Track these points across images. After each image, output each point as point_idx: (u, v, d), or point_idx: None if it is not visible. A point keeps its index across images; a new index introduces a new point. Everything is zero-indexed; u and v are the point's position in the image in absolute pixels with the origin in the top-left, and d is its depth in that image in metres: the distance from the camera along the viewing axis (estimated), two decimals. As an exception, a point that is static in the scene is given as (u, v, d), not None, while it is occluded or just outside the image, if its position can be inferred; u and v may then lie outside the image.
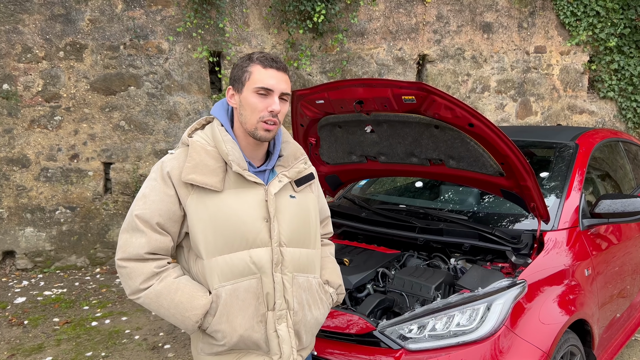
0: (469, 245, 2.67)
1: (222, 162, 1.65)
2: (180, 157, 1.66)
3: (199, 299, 1.62)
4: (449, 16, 6.29)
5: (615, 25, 6.73)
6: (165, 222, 1.63)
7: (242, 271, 1.63)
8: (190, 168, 1.61)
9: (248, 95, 1.64)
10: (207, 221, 1.61)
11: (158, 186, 1.64)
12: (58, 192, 5.33)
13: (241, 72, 1.65)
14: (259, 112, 1.63)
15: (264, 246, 1.66)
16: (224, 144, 1.64)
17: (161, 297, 1.61)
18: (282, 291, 1.68)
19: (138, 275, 1.61)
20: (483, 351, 2.09)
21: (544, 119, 6.92)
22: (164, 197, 1.63)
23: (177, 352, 3.67)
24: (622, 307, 3.15)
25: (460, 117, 2.26)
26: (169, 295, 1.61)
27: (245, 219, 1.63)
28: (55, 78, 5.19)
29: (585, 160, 3.14)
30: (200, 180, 1.60)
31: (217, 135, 1.67)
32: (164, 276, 1.63)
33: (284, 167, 1.76)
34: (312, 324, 1.79)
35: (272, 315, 1.67)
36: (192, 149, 1.65)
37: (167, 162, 1.66)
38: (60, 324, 4.13)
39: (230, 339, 1.64)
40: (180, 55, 5.46)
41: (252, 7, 5.62)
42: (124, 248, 1.63)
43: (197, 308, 1.62)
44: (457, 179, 2.76)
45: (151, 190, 1.65)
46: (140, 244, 1.61)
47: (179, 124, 5.55)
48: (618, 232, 3.13)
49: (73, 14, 5.16)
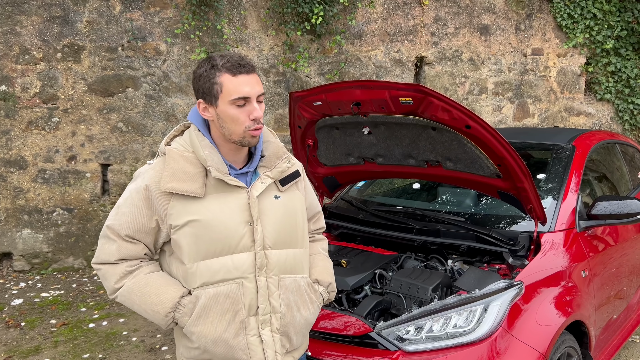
0: (466, 247, 2.67)
1: (202, 167, 1.62)
2: (157, 167, 1.65)
3: (168, 292, 1.63)
4: (446, 18, 6.31)
5: (612, 28, 6.75)
6: (134, 233, 1.64)
7: (223, 276, 1.61)
8: (168, 177, 1.59)
9: (226, 108, 1.58)
10: (188, 228, 1.59)
11: (130, 199, 1.65)
12: (55, 194, 5.32)
13: (210, 85, 1.58)
14: (242, 122, 1.59)
15: (246, 251, 1.63)
16: (202, 150, 1.62)
17: (132, 293, 1.64)
18: (266, 295, 1.65)
19: (111, 275, 1.66)
20: (480, 352, 2.10)
21: (541, 120, 6.93)
22: (134, 211, 1.63)
23: (175, 354, 3.66)
24: (619, 309, 3.16)
25: (457, 119, 2.27)
26: (139, 290, 1.63)
27: (228, 224, 1.61)
28: (52, 79, 5.19)
29: (582, 162, 3.15)
30: (179, 187, 1.58)
31: (195, 141, 1.64)
32: (136, 273, 1.66)
33: (267, 168, 1.72)
34: (302, 325, 1.76)
35: (254, 320, 1.65)
36: (169, 156, 1.63)
37: (145, 174, 1.65)
38: (57, 326, 4.12)
39: (205, 342, 1.62)
40: (178, 57, 5.46)
41: (250, 8, 5.63)
42: (97, 253, 1.69)
43: (165, 302, 1.61)
44: (454, 180, 2.77)
45: (124, 202, 1.66)
46: (110, 251, 1.65)
47: (176, 126, 5.54)
48: (615, 234, 3.13)
49: (71, 16, 5.16)
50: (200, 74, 1.61)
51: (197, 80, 1.63)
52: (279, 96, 5.73)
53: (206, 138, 1.65)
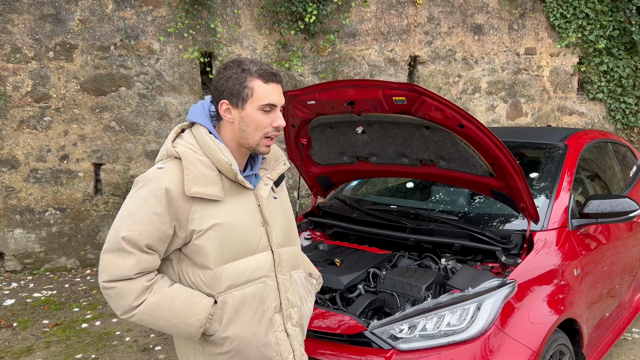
0: (460, 246, 2.68)
1: (216, 170, 1.62)
2: (172, 170, 1.59)
3: (199, 303, 1.59)
4: (440, 18, 6.32)
5: (604, 28, 6.79)
6: (154, 242, 1.55)
7: (249, 277, 1.64)
8: (191, 181, 1.56)
9: (252, 113, 1.61)
10: (212, 232, 1.59)
11: (147, 206, 1.55)
12: (48, 194, 5.29)
13: (240, 87, 1.60)
14: (264, 128, 1.63)
15: (265, 250, 1.68)
16: (221, 153, 1.60)
17: (158, 309, 1.55)
18: (285, 291, 1.71)
19: (129, 292, 1.53)
20: (473, 351, 2.10)
21: (534, 120, 6.96)
22: (155, 218, 1.54)
23: (168, 353, 3.65)
24: (611, 307, 3.18)
25: (450, 118, 2.27)
26: (166, 305, 1.55)
27: (248, 226, 1.64)
28: (44, 78, 5.15)
29: (575, 161, 3.17)
30: (204, 192, 1.56)
31: (210, 144, 1.61)
32: (156, 288, 1.56)
33: (266, 170, 1.77)
34: (308, 316, 1.86)
35: (279, 316, 1.70)
36: (186, 160, 1.58)
37: (160, 178, 1.57)
38: (49, 326, 4.10)
39: (238, 345, 1.63)
40: (171, 56, 5.44)
41: (243, 7, 5.61)
42: (110, 270, 1.53)
43: (198, 313, 1.58)
44: (448, 179, 2.78)
45: (138, 210, 1.55)
46: (128, 265, 1.53)
47: (170, 125, 5.53)
48: (607, 232, 3.15)
49: (63, 14, 5.12)
50: (230, 76, 1.61)
51: (224, 81, 1.62)
52: (273, 95, 5.71)
53: (220, 141, 1.65)
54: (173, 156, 1.62)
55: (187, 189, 1.55)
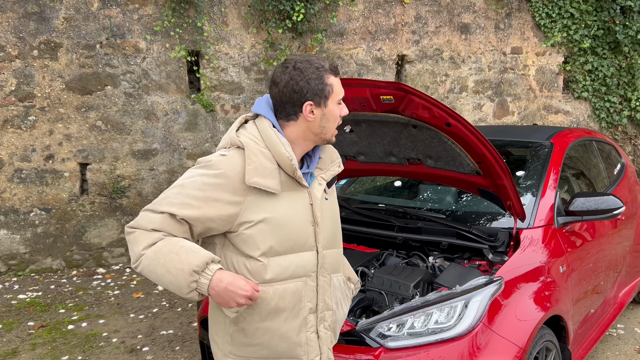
0: (447, 244, 2.70)
1: (276, 164, 1.63)
2: (234, 158, 1.60)
3: (199, 252, 1.54)
4: (427, 17, 6.35)
5: (589, 27, 6.86)
6: (192, 219, 1.56)
7: (291, 274, 1.64)
8: (252, 171, 1.57)
9: (333, 108, 1.67)
10: (263, 224, 1.59)
11: (200, 184, 1.57)
12: (32, 194, 5.22)
13: (322, 86, 1.63)
14: (337, 120, 1.70)
15: (311, 250, 1.68)
16: (283, 147, 1.61)
17: (159, 253, 1.53)
18: (323, 293, 1.71)
19: (142, 240, 1.56)
20: (461, 348, 2.12)
21: (521, 118, 7.02)
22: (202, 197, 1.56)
23: (156, 354, 3.63)
24: (596, 303, 3.22)
25: (437, 117, 2.28)
26: (166, 248, 1.53)
27: (299, 223, 1.65)
28: (29, 77, 5.09)
29: (560, 159, 3.20)
30: (263, 183, 1.57)
31: (274, 138, 1.62)
32: (169, 238, 1.56)
33: (321, 170, 1.78)
34: (342, 321, 1.85)
35: (314, 317, 1.70)
36: (249, 150, 1.59)
37: (221, 163, 1.59)
38: (35, 328, 4.05)
39: (270, 338, 1.64)
40: (158, 55, 5.40)
41: (230, 6, 5.59)
42: (137, 219, 1.60)
43: (195, 259, 1.51)
44: (435, 178, 2.79)
45: (191, 184, 1.57)
46: (151, 219, 1.56)
47: (157, 124, 5.49)
48: (592, 230, 3.19)
49: (47, 12, 5.06)
50: (310, 77, 1.62)
51: (304, 83, 1.62)
52: (261, 94, 5.70)
53: (283, 136, 1.66)
54: (236, 145, 1.63)
55: (247, 178, 1.56)
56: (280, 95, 1.64)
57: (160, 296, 4.68)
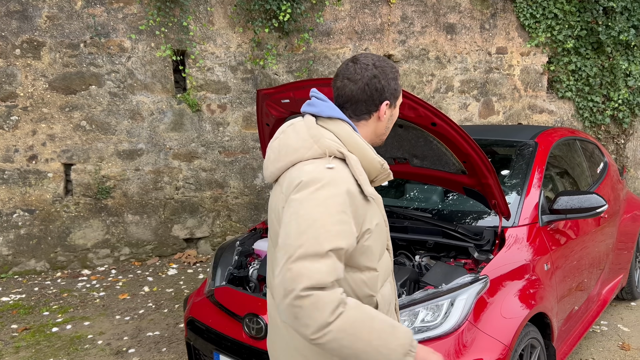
0: (433, 242, 2.71)
1: None
2: (343, 171, 1.44)
3: (399, 327, 1.40)
4: (413, 17, 6.38)
5: (573, 28, 6.95)
6: (353, 247, 1.40)
7: (386, 275, 1.61)
8: (364, 181, 1.47)
9: (397, 109, 1.64)
10: (376, 232, 1.51)
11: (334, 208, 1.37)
12: (15, 195, 5.15)
13: (397, 87, 1.59)
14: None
15: (388, 249, 1.66)
16: (374, 152, 1.53)
17: (359, 326, 1.31)
18: (395, 291, 1.71)
19: (327, 302, 1.27)
20: (447, 346, 2.13)
21: (506, 118, 7.09)
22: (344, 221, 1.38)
23: (142, 356, 3.60)
24: (580, 300, 3.26)
25: (423, 117, 2.29)
26: (367, 322, 1.33)
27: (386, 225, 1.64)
28: (11, 77, 5.01)
29: (544, 158, 3.23)
30: (371, 191, 1.49)
31: (361, 143, 1.51)
32: (350, 302, 1.33)
33: None
34: None
35: (394, 317, 1.69)
36: (353, 160, 1.47)
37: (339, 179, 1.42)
38: (18, 331, 3.99)
39: None
40: (143, 54, 5.36)
41: (216, 5, 5.56)
42: (308, 274, 1.27)
43: (402, 338, 1.38)
44: (421, 177, 2.80)
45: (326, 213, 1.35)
46: (327, 270, 1.30)
47: (142, 124, 5.44)
48: (576, 228, 3.23)
49: (30, 11, 4.99)
50: (390, 76, 1.56)
51: (386, 83, 1.55)
52: (247, 94, 5.69)
53: None
54: (333, 155, 1.47)
55: (365, 189, 1.45)
56: (359, 92, 1.53)
57: (147, 297, 4.64)
